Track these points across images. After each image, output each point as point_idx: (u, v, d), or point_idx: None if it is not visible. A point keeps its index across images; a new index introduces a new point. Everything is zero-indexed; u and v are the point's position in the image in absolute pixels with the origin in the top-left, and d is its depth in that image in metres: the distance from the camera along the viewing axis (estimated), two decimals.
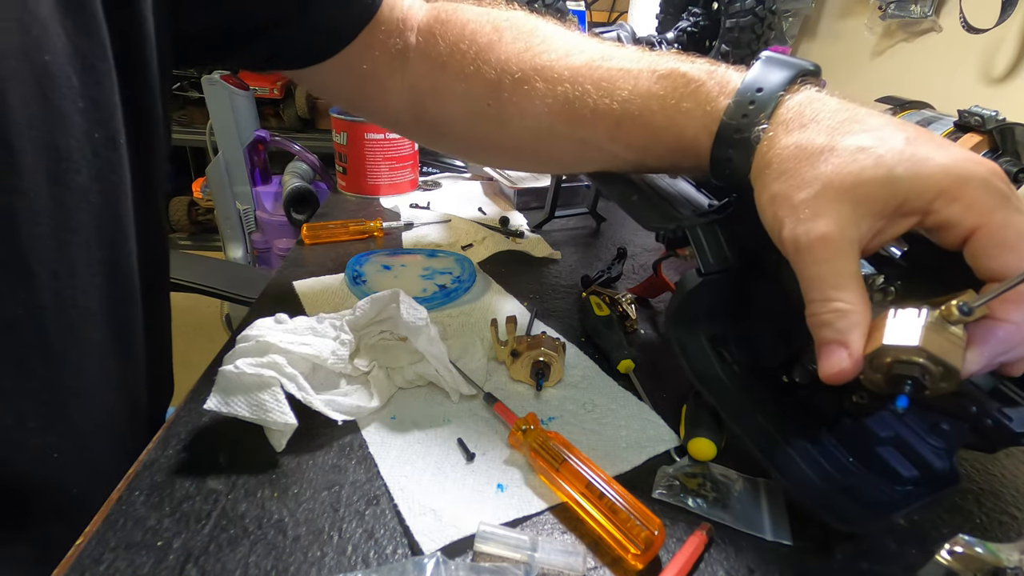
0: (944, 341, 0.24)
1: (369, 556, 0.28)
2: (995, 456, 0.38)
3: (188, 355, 0.60)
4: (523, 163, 0.50)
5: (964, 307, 0.24)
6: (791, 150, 0.29)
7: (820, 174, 0.27)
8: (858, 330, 0.26)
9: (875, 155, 0.27)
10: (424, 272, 0.57)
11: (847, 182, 0.27)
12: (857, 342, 0.26)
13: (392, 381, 0.40)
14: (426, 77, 0.44)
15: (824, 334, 0.27)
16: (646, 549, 0.28)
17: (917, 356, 0.24)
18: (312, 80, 0.46)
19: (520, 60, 0.40)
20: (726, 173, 0.34)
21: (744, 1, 0.87)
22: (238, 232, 1.64)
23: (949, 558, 0.27)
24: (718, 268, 0.35)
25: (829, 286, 0.26)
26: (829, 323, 0.26)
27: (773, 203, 0.29)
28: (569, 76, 0.38)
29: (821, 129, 0.29)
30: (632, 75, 0.36)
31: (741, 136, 0.32)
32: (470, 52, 0.41)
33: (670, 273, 0.54)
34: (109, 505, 0.30)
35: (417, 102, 0.45)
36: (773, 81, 0.32)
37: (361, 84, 0.46)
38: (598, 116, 0.37)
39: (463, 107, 0.43)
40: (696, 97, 0.34)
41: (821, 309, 0.27)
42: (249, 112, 1.52)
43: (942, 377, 0.24)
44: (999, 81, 0.89)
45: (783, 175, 0.29)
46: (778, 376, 0.35)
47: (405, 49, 0.44)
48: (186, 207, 2.31)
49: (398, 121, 0.48)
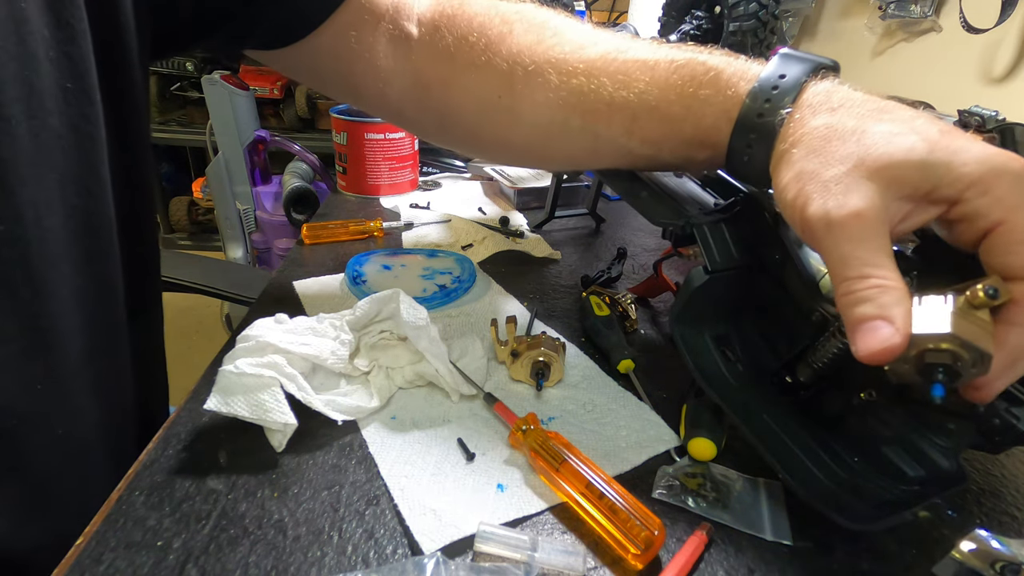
0: (973, 326, 0.24)
1: (369, 556, 0.28)
2: (995, 456, 0.38)
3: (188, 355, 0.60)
4: (532, 159, 0.49)
5: (990, 290, 0.24)
6: (821, 131, 0.29)
7: (852, 152, 0.27)
8: (903, 306, 0.25)
9: (910, 139, 0.26)
10: (424, 272, 0.57)
11: (881, 161, 0.26)
12: (903, 318, 0.24)
13: (392, 381, 0.40)
14: (431, 68, 0.43)
15: (864, 310, 0.25)
16: (646, 549, 0.28)
17: (949, 343, 0.24)
18: (295, 64, 0.46)
19: (533, 52, 0.40)
20: (744, 160, 0.33)
21: (747, 5, 0.87)
22: (238, 232, 1.64)
23: (964, 553, 0.27)
24: (724, 267, 0.35)
25: (866, 263, 0.25)
26: (871, 298, 0.25)
27: (799, 179, 0.28)
28: (584, 69, 0.38)
29: (851, 114, 0.29)
30: (649, 66, 0.36)
31: (763, 120, 0.31)
32: (479, 44, 0.41)
33: (670, 273, 0.53)
34: (109, 505, 0.30)
35: (422, 93, 0.45)
36: (796, 69, 0.32)
37: (349, 69, 0.45)
38: (614, 109, 0.37)
39: (472, 99, 0.43)
40: (716, 84, 0.34)
41: (859, 286, 0.25)
42: (249, 112, 1.52)
43: (974, 363, 0.24)
44: (999, 81, 0.89)
45: (811, 154, 0.28)
46: (782, 376, 0.35)
47: (402, 36, 0.43)
48: (186, 207, 2.31)
49: (401, 113, 0.48)
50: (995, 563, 0.26)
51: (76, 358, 0.36)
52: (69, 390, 0.36)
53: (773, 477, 0.34)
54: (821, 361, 0.32)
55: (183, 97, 2.04)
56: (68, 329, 0.35)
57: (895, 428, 0.31)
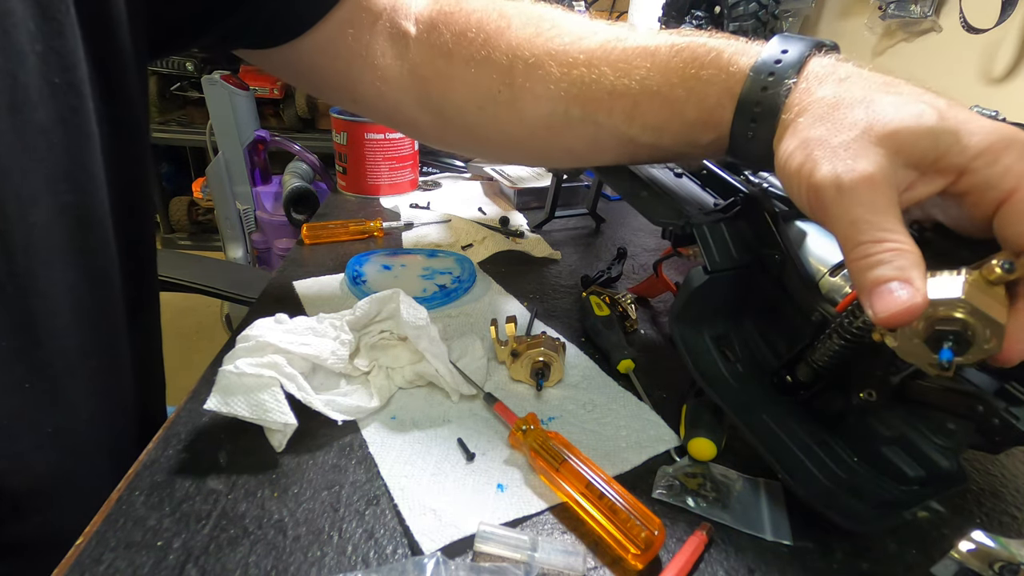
0: (986, 297, 0.23)
1: (369, 556, 0.28)
2: (995, 456, 0.38)
3: (188, 355, 0.60)
4: (533, 155, 0.48)
5: (1006, 264, 0.23)
6: (828, 99, 0.28)
7: (861, 119, 0.27)
8: (919, 269, 0.24)
9: (919, 107, 0.26)
10: (424, 272, 0.57)
11: (890, 127, 0.26)
12: (921, 280, 0.24)
13: (392, 381, 0.40)
14: (429, 64, 0.43)
15: (882, 272, 0.24)
16: (646, 549, 0.28)
17: (960, 310, 0.23)
18: (290, 64, 0.45)
19: (532, 45, 0.39)
20: (748, 137, 0.33)
21: (747, 5, 0.88)
22: (238, 232, 1.64)
23: (963, 553, 0.27)
24: (724, 267, 0.36)
25: (879, 227, 0.25)
26: (888, 261, 0.24)
27: (806, 146, 0.28)
28: (584, 60, 0.38)
29: (858, 85, 0.28)
30: (649, 52, 0.36)
31: (767, 94, 0.31)
32: (478, 39, 0.41)
33: (670, 273, 0.53)
34: (109, 505, 0.30)
35: (421, 91, 0.44)
36: (798, 45, 0.32)
37: (346, 67, 0.44)
38: (615, 97, 0.37)
39: (472, 93, 0.42)
40: (718, 63, 0.34)
41: (874, 250, 0.25)
42: (249, 112, 1.52)
43: (986, 336, 0.24)
44: (999, 81, 0.89)
45: (818, 121, 0.28)
46: (782, 375, 0.35)
47: (399, 34, 0.43)
48: (186, 207, 2.31)
49: (399, 113, 0.47)
50: (994, 563, 0.26)
51: (70, 356, 0.36)
52: (62, 387, 0.36)
53: (773, 477, 0.34)
54: (821, 361, 0.32)
55: (183, 97, 2.04)
56: (60, 326, 0.35)
57: (895, 428, 0.31)
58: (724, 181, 0.44)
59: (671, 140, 0.38)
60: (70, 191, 0.34)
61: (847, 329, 0.30)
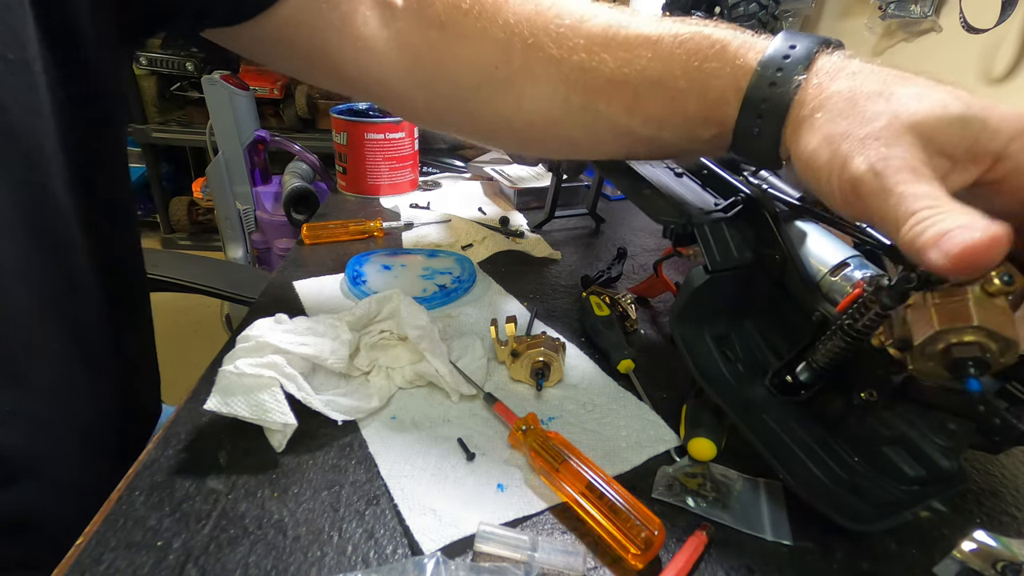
0: (995, 315, 0.23)
1: (369, 556, 0.28)
2: (995, 456, 0.38)
3: (188, 355, 0.60)
4: (531, 142, 0.46)
5: (1005, 276, 0.23)
6: (844, 94, 0.28)
7: (883, 110, 0.26)
8: (985, 221, 0.22)
9: (942, 96, 0.25)
10: (424, 272, 0.57)
11: (916, 116, 0.25)
12: (988, 225, 0.22)
13: (392, 381, 0.40)
14: (419, 35, 0.40)
15: (946, 223, 0.22)
16: (646, 549, 0.28)
17: (975, 335, 0.23)
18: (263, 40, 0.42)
19: (532, 24, 0.38)
20: (753, 134, 0.32)
21: (747, 5, 0.88)
22: (238, 232, 1.64)
23: (965, 553, 0.27)
24: (724, 267, 0.36)
25: (930, 195, 0.24)
26: (949, 214, 0.23)
27: (831, 142, 0.27)
28: (585, 45, 0.37)
29: (873, 79, 0.28)
30: (652, 41, 0.35)
31: (775, 90, 0.30)
32: (473, 11, 0.39)
33: (670, 273, 0.53)
34: (109, 505, 0.30)
35: (411, 63, 0.42)
36: (805, 41, 0.31)
37: (323, 39, 0.41)
38: (615, 86, 0.36)
39: (467, 70, 0.41)
40: (723, 56, 0.33)
41: (933, 211, 0.23)
42: (249, 112, 1.52)
43: (1001, 352, 0.23)
44: (999, 81, 0.89)
45: (838, 116, 0.27)
46: (782, 375, 0.35)
47: (383, 2, 0.41)
48: (186, 207, 2.31)
49: (388, 89, 0.44)
50: (997, 563, 0.26)
51: (24, 335, 0.35)
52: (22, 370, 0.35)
53: (773, 477, 0.34)
54: (821, 361, 0.32)
55: (183, 97, 2.04)
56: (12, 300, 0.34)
57: (895, 428, 0.31)
58: (725, 181, 0.44)
59: (671, 134, 0.37)
60: (25, 167, 0.33)
61: (848, 330, 0.30)
